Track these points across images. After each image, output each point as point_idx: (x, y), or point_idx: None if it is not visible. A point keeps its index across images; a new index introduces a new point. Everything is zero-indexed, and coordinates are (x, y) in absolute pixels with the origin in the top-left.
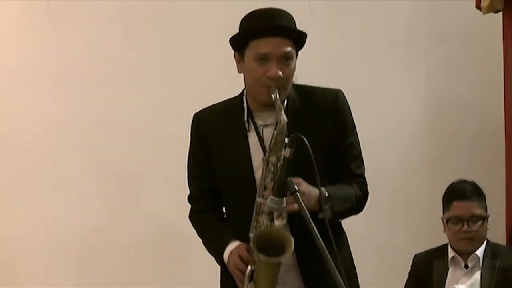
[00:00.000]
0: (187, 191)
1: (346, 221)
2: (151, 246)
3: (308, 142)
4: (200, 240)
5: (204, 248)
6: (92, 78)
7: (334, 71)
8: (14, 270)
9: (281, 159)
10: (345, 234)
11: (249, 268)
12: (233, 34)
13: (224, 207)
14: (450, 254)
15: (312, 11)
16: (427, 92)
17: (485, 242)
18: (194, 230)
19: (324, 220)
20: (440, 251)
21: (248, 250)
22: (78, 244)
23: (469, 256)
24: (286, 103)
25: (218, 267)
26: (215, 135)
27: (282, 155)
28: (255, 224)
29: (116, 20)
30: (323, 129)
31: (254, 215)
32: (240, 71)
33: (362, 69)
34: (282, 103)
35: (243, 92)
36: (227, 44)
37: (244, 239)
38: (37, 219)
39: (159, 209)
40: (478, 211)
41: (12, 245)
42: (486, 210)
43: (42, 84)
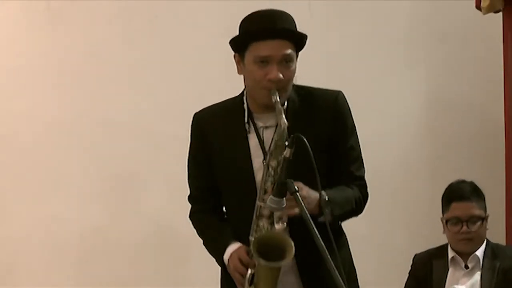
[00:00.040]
0: (187, 191)
1: (346, 221)
2: (151, 246)
3: (308, 143)
4: (200, 240)
5: (204, 248)
6: (92, 78)
7: (334, 71)
8: (14, 270)
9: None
10: (345, 235)
11: (249, 271)
12: (233, 35)
13: (224, 207)
14: (450, 254)
15: (312, 11)
16: (427, 92)
17: (485, 242)
18: (194, 230)
19: (324, 223)
20: (440, 251)
21: (248, 253)
22: (78, 244)
23: (469, 257)
24: (286, 104)
25: (218, 267)
26: (215, 135)
27: (282, 156)
28: (255, 227)
29: (116, 20)
30: (323, 130)
31: (254, 219)
32: (240, 72)
33: (362, 69)
34: (282, 105)
35: (243, 92)
36: (227, 44)
37: (244, 240)
38: (37, 219)
39: (159, 209)
40: (477, 212)
41: (12, 245)
42: (485, 210)
43: (42, 84)
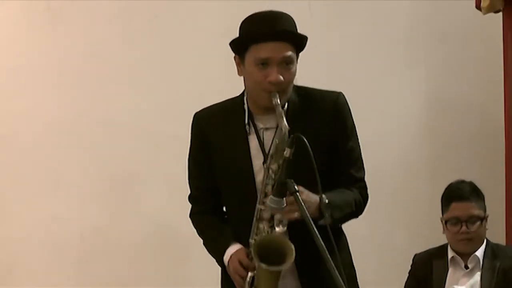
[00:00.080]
0: (187, 191)
1: None
2: (151, 246)
3: (308, 143)
4: (200, 240)
5: (204, 248)
6: (92, 78)
7: (334, 71)
8: (14, 270)
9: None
10: (345, 236)
11: (249, 274)
12: (233, 35)
13: (224, 207)
14: (450, 254)
15: (312, 11)
16: (427, 92)
17: (484, 242)
18: (194, 230)
19: (325, 225)
20: (440, 251)
21: (248, 255)
22: (78, 244)
23: (469, 257)
24: (286, 105)
25: (218, 267)
26: (215, 135)
27: (282, 157)
28: (256, 230)
29: (116, 20)
30: (323, 130)
31: (254, 222)
32: (240, 74)
33: (362, 69)
34: (283, 107)
35: (243, 93)
36: (227, 44)
37: (244, 240)
38: (37, 219)
39: (159, 209)
40: (477, 212)
41: (12, 245)
42: (485, 210)
43: (42, 84)
